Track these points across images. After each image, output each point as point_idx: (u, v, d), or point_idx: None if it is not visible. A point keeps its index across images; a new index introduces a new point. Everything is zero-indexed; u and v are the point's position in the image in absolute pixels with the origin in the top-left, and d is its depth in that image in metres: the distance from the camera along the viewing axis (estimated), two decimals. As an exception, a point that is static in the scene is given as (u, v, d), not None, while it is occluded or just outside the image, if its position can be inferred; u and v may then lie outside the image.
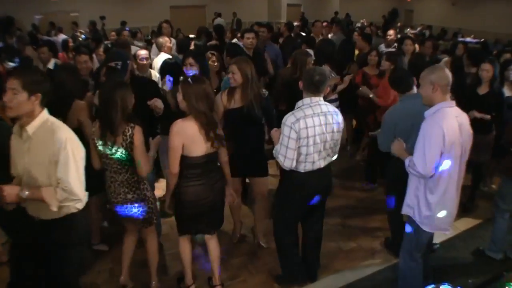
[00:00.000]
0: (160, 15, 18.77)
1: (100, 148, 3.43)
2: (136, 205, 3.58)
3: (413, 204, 3.47)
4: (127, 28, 12.09)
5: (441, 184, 3.30)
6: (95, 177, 3.43)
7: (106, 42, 11.12)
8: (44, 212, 2.85)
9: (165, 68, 5.10)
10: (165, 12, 19.99)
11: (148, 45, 9.46)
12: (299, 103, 3.56)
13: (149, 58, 5.85)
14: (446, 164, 3.23)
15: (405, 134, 3.73)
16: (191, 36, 13.61)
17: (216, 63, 5.42)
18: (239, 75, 4.08)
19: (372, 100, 5.83)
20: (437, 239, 4.72)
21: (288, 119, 3.44)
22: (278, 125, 3.63)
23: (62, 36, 11.68)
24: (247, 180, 5.02)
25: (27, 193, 2.71)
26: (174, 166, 3.45)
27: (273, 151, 3.61)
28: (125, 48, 6.40)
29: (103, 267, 4.42)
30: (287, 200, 3.83)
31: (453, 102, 3.34)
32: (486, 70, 5.05)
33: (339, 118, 3.65)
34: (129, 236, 3.94)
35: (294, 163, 3.50)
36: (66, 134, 2.85)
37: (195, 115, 3.40)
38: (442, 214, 3.37)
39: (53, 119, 2.92)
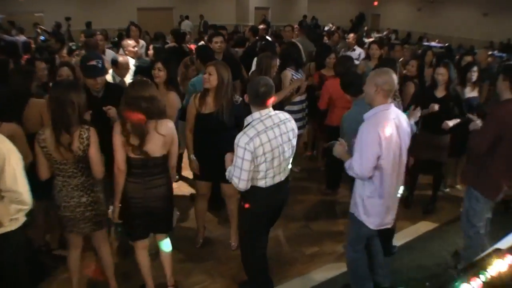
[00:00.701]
0: (127, 17, 18.56)
1: (53, 154, 3.32)
2: (89, 208, 3.51)
3: (357, 202, 3.62)
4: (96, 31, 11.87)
5: (381, 184, 3.43)
6: (40, 183, 3.39)
7: (71, 43, 10.96)
8: None
9: (138, 72, 5.03)
10: (132, 14, 19.79)
11: (114, 47, 9.38)
12: (249, 118, 3.40)
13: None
14: (384, 166, 3.34)
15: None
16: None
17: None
18: (215, 77, 4.02)
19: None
20: (397, 242, 4.81)
21: (241, 139, 3.24)
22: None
23: (23, 38, 11.45)
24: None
25: None
26: (120, 163, 3.43)
27: (226, 173, 3.48)
28: (96, 50, 6.33)
29: (65, 274, 4.20)
30: (250, 216, 3.68)
31: (391, 105, 3.44)
32: (441, 73, 5.18)
33: (292, 123, 3.55)
34: (72, 250, 3.79)
35: (249, 184, 3.38)
36: (6, 146, 2.82)
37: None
38: (382, 211, 3.54)
39: None
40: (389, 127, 3.31)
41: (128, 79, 5.56)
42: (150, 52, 8.00)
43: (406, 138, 3.49)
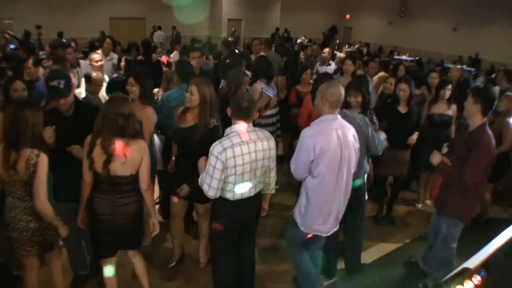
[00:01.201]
0: (99, 26, 18.49)
1: (2, 172, 3.23)
2: (37, 233, 3.40)
3: (298, 204, 3.75)
4: (64, 40, 11.58)
5: (317, 190, 3.55)
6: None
7: (41, 52, 10.68)
8: None
9: (111, 87, 4.92)
10: (104, 23, 19.62)
11: (85, 58, 9.17)
12: (228, 130, 3.48)
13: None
14: (316, 173, 3.47)
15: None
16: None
17: None
18: (197, 97, 3.98)
19: None
20: (366, 259, 4.82)
21: (215, 148, 3.34)
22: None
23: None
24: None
25: None
26: (85, 174, 3.43)
27: (199, 179, 3.53)
28: (63, 62, 6.17)
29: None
30: (220, 235, 3.70)
31: (338, 116, 3.57)
32: (403, 89, 5.32)
33: (271, 143, 3.58)
34: (28, 271, 3.65)
35: (219, 193, 3.44)
36: None
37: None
38: (314, 216, 3.63)
39: None
40: (329, 136, 3.43)
41: (100, 94, 5.42)
42: (122, 64, 7.87)
43: (349, 152, 3.55)
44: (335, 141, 3.43)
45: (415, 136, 5.30)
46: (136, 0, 21.02)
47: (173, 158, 4.50)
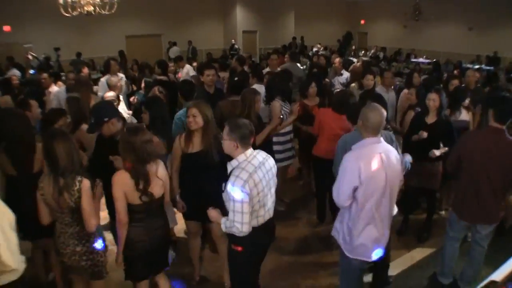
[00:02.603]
0: (116, 45, 18.72)
1: (50, 202, 3.35)
2: (84, 257, 3.50)
3: (339, 228, 3.68)
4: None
5: (363, 215, 3.45)
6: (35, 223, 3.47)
7: (62, 74, 10.89)
8: None
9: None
10: (121, 42, 19.83)
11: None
12: (234, 162, 3.34)
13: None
14: (361, 199, 3.37)
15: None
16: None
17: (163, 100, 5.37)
18: (200, 118, 4.01)
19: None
20: (392, 271, 4.76)
21: (236, 183, 3.18)
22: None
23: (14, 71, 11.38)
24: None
25: None
26: (123, 215, 3.39)
27: (223, 226, 3.39)
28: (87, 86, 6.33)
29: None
30: (242, 258, 3.60)
31: (380, 139, 3.48)
32: (433, 99, 5.13)
33: (271, 161, 3.54)
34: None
35: (251, 226, 3.34)
36: None
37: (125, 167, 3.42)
38: (364, 242, 3.52)
39: None
40: (374, 161, 3.34)
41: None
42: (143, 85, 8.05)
43: (393, 175, 3.47)
44: (380, 165, 3.35)
45: (438, 151, 5.00)
46: (151, 17, 21.17)
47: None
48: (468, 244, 4.71)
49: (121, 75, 8.25)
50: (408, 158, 4.45)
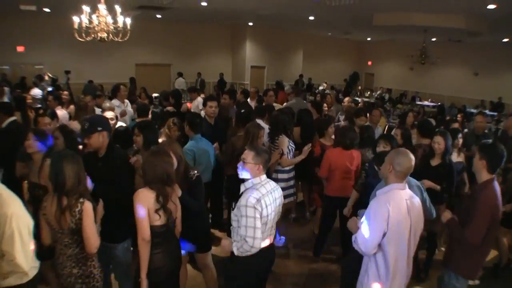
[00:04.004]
0: (126, 72, 18.93)
1: (51, 222, 3.38)
2: (79, 281, 3.49)
3: (362, 280, 3.53)
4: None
5: (385, 264, 3.34)
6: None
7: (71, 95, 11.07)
8: None
9: (115, 137, 5.03)
10: (130, 69, 20.10)
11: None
12: (248, 183, 3.54)
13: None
14: (388, 245, 3.29)
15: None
16: (155, 95, 13.93)
17: (177, 132, 5.51)
18: (174, 158, 4.00)
19: None
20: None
21: (249, 200, 3.37)
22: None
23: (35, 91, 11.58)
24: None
25: None
26: (146, 233, 3.43)
27: (235, 249, 3.50)
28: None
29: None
30: (241, 285, 3.69)
31: (406, 185, 3.44)
32: (438, 142, 5.22)
33: (279, 191, 3.74)
34: None
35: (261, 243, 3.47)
36: (11, 209, 2.91)
37: (148, 186, 3.50)
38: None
39: (1, 191, 2.97)
40: (401, 207, 3.29)
41: None
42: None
43: (417, 220, 3.43)
44: (406, 212, 3.30)
45: (428, 182, 4.96)
46: (162, 47, 21.47)
47: None
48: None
49: (126, 101, 8.42)
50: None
